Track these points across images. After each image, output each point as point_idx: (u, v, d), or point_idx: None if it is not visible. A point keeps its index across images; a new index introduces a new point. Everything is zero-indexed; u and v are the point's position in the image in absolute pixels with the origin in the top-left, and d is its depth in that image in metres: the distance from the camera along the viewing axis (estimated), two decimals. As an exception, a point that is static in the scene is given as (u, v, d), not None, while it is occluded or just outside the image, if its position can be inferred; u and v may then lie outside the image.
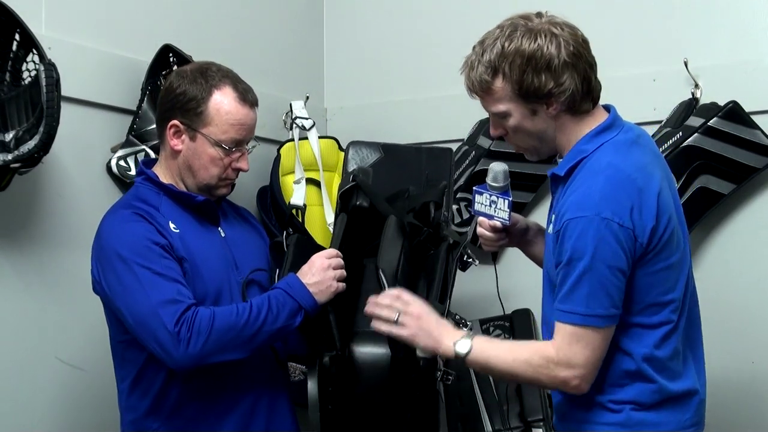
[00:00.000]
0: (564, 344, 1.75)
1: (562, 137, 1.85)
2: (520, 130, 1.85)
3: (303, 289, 1.99)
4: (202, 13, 2.81)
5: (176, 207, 2.07)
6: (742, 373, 2.55)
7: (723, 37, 2.61)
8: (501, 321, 2.79)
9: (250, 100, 2.08)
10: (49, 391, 2.31)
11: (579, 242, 1.72)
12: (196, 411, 2.01)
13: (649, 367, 1.78)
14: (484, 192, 2.02)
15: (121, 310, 1.93)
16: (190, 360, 1.88)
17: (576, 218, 1.73)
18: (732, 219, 2.59)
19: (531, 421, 2.60)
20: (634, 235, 1.72)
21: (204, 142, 2.04)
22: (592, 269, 1.71)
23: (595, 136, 1.83)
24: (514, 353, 1.82)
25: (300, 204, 2.70)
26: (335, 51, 3.32)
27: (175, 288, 1.91)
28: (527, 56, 1.76)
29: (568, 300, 1.74)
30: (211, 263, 2.04)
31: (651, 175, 1.78)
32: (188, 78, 2.06)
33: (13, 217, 2.24)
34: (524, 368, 1.79)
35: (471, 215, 2.79)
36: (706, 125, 2.47)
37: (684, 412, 1.82)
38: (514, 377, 1.91)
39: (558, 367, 1.75)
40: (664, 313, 1.79)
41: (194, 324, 1.88)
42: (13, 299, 2.24)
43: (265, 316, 1.94)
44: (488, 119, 2.83)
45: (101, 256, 1.99)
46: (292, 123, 2.84)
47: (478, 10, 2.94)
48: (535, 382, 1.84)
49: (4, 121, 2.09)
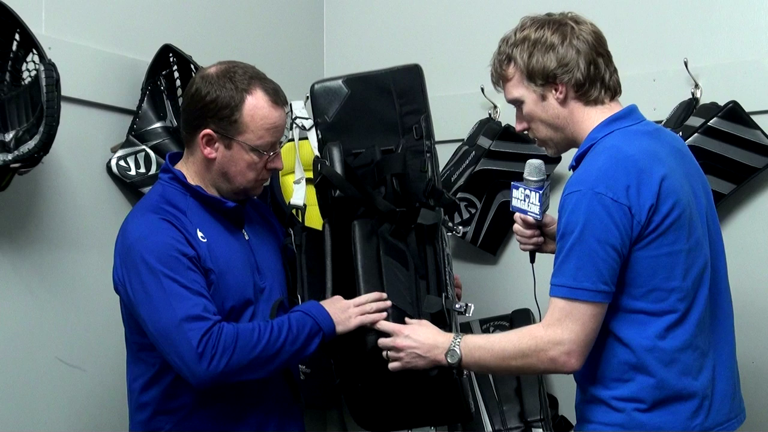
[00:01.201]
0: (553, 320, 1.77)
1: (576, 127, 1.89)
2: (534, 118, 1.91)
3: (324, 313, 2.00)
4: (202, 13, 2.81)
5: (203, 211, 2.02)
6: (742, 373, 2.54)
7: (723, 37, 2.61)
8: (501, 321, 2.80)
9: (281, 101, 2.05)
10: (49, 391, 2.30)
11: (572, 216, 1.76)
12: (210, 413, 2.00)
13: (652, 359, 1.77)
14: (520, 187, 2.04)
15: (144, 319, 1.90)
16: (211, 378, 1.87)
17: (571, 193, 1.77)
18: (732, 219, 2.59)
19: (531, 421, 2.60)
20: (631, 212, 1.73)
21: (240, 149, 2.00)
22: (581, 242, 1.74)
23: (607, 125, 1.86)
24: (503, 344, 1.85)
25: (300, 204, 2.70)
26: (335, 51, 3.32)
27: (202, 303, 1.89)
28: (533, 40, 1.86)
29: (559, 273, 1.77)
30: (236, 270, 2.01)
31: (659, 160, 1.79)
32: (216, 83, 1.99)
33: (13, 217, 2.24)
34: (515, 356, 1.82)
35: (471, 215, 2.80)
36: (706, 125, 2.47)
37: (694, 416, 1.79)
38: (507, 369, 1.93)
39: (547, 345, 1.77)
40: (669, 301, 1.78)
41: (219, 343, 1.86)
42: (13, 299, 2.24)
43: (285, 337, 1.94)
44: (488, 119, 2.87)
45: (127, 261, 1.94)
46: (292, 123, 2.83)
47: (478, 10, 2.94)
48: (529, 368, 1.85)
49: (4, 121, 2.09)
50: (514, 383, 2.69)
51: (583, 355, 1.78)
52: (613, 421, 1.81)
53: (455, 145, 2.88)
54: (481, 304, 2.72)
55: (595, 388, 1.84)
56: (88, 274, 2.40)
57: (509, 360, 1.84)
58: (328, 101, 2.32)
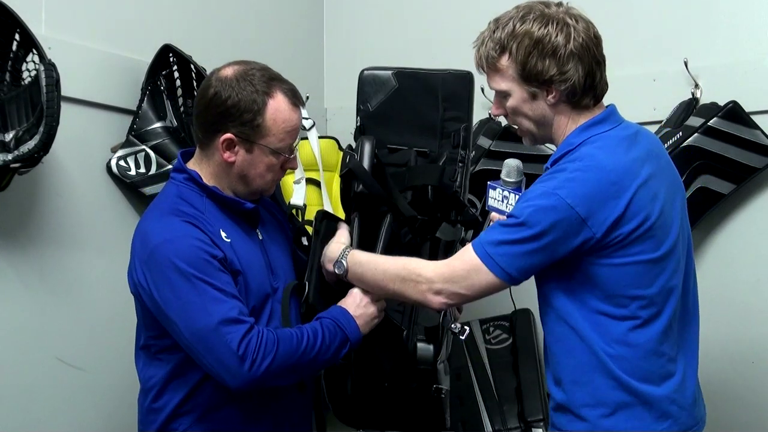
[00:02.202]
0: (447, 260, 1.87)
1: (558, 128, 1.87)
2: (518, 112, 1.88)
3: (352, 322, 2.00)
4: (202, 13, 2.81)
5: (220, 212, 2.00)
6: (742, 373, 2.55)
7: (723, 37, 2.61)
8: (501, 321, 2.80)
9: (300, 101, 2.04)
10: (49, 391, 2.30)
11: (523, 202, 1.79)
12: (223, 418, 1.99)
13: (611, 361, 1.77)
14: (497, 187, 2.04)
15: (177, 322, 1.88)
16: (251, 381, 1.86)
17: (534, 186, 1.80)
18: (732, 219, 2.59)
19: (531, 421, 2.60)
20: (586, 224, 1.73)
21: (261, 153, 1.99)
22: (518, 231, 1.76)
23: (584, 130, 1.84)
24: (386, 265, 1.94)
25: (300, 204, 2.70)
26: (335, 51, 3.32)
27: (237, 306, 1.88)
28: (535, 39, 1.80)
29: (490, 234, 1.81)
30: (256, 272, 2.00)
31: (631, 172, 1.77)
32: (236, 87, 1.96)
33: (13, 217, 2.24)
34: (393, 279, 1.92)
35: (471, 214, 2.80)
36: (706, 125, 2.47)
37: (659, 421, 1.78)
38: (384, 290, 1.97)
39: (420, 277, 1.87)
40: (630, 308, 1.77)
41: (261, 347, 1.85)
42: (13, 299, 2.24)
43: (320, 346, 1.94)
44: (488, 119, 2.87)
45: (151, 264, 1.90)
46: (292, 123, 2.83)
47: (478, 10, 2.94)
48: (401, 296, 1.93)
49: (4, 121, 2.09)
50: (514, 383, 2.69)
51: (450, 300, 1.86)
52: (578, 430, 1.80)
53: (455, 145, 2.88)
54: (481, 304, 2.72)
55: (559, 392, 1.84)
56: (89, 273, 2.40)
57: (387, 278, 1.93)
58: (374, 90, 2.31)
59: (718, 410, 2.38)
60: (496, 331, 2.78)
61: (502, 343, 2.77)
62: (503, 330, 2.78)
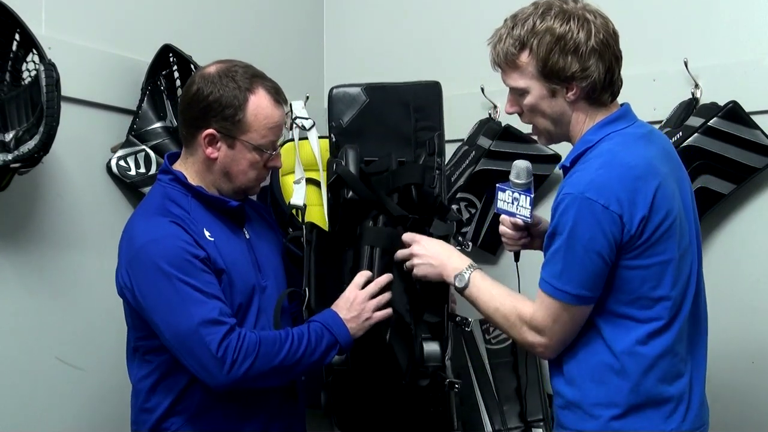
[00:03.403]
0: (541, 310, 1.80)
1: (575, 125, 1.86)
2: (536, 110, 1.86)
3: (341, 325, 2.01)
4: (202, 13, 2.81)
5: (205, 211, 2.02)
6: (742, 373, 2.55)
7: (723, 37, 2.61)
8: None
9: (282, 99, 2.07)
10: (49, 391, 2.31)
11: (562, 218, 1.75)
12: (215, 417, 2.00)
13: (631, 363, 1.77)
14: (507, 189, 2.02)
15: (159, 324, 1.90)
16: (231, 382, 1.87)
17: (565, 195, 1.76)
18: (732, 219, 2.59)
19: (531, 421, 2.60)
20: (621, 221, 1.72)
21: (243, 149, 2.01)
22: (568, 247, 1.74)
23: (602, 128, 1.84)
24: (497, 303, 1.89)
25: (300, 204, 2.70)
26: (335, 51, 3.31)
27: (217, 306, 1.89)
28: (557, 36, 1.78)
29: (546, 269, 1.79)
30: (241, 270, 2.02)
31: (653, 168, 1.77)
32: (218, 83, 1.99)
33: (13, 217, 2.25)
34: (501, 321, 1.88)
35: (471, 215, 2.80)
36: (706, 125, 2.47)
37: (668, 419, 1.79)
38: (491, 319, 1.96)
39: (530, 330, 1.82)
40: (655, 310, 1.77)
41: (241, 348, 1.87)
42: (13, 299, 2.24)
43: (305, 348, 1.95)
44: (488, 119, 2.87)
45: (136, 266, 1.92)
46: (292, 123, 2.83)
47: (478, 10, 2.94)
48: (507, 332, 1.91)
49: (4, 121, 2.09)
50: (515, 383, 2.69)
51: (558, 349, 1.83)
52: (588, 429, 1.80)
53: (455, 145, 2.88)
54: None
55: (571, 390, 1.83)
56: (88, 274, 2.40)
57: (496, 316, 1.90)
58: (345, 106, 2.34)
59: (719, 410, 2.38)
60: (496, 331, 2.78)
61: (502, 342, 2.77)
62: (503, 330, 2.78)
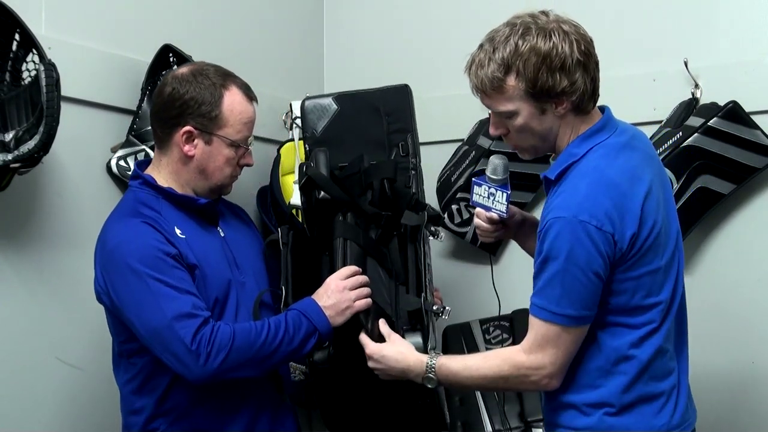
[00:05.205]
0: (535, 345, 1.78)
1: (562, 137, 1.86)
2: (526, 130, 1.84)
3: (320, 312, 2.02)
4: (202, 13, 2.81)
5: (177, 211, 2.07)
6: (742, 373, 2.55)
7: (723, 37, 2.61)
8: (501, 321, 2.79)
9: (253, 96, 2.14)
10: (49, 391, 2.30)
11: (555, 242, 1.74)
12: (203, 414, 2.02)
13: (626, 366, 1.78)
14: (483, 184, 2.05)
15: (134, 322, 1.93)
16: (208, 375, 1.89)
17: (555, 218, 1.74)
18: (732, 219, 2.59)
19: (531, 421, 2.59)
20: (614, 239, 1.73)
21: (220, 144, 2.07)
22: (566, 271, 1.73)
23: (585, 140, 1.83)
24: (481, 372, 1.85)
25: (300, 204, 2.70)
26: (335, 51, 3.32)
27: (190, 301, 1.91)
28: (543, 55, 1.76)
29: (542, 295, 1.77)
30: (215, 265, 2.05)
31: (638, 179, 1.78)
32: (192, 82, 2.06)
33: (13, 217, 2.24)
34: (496, 380, 1.85)
35: (471, 215, 2.80)
36: (706, 125, 2.47)
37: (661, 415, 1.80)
38: (486, 389, 1.94)
39: (529, 370, 1.79)
40: (648, 315, 1.79)
41: (215, 340, 1.88)
42: (13, 299, 2.24)
43: (282, 337, 1.96)
44: (488, 119, 2.86)
45: (109, 267, 1.97)
46: (292, 123, 2.83)
47: (477, 10, 2.94)
48: (509, 389, 1.89)
49: (4, 121, 2.09)
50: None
51: (563, 374, 1.81)
52: (582, 425, 1.81)
53: (455, 145, 2.88)
54: (481, 304, 2.73)
55: (564, 394, 1.84)
56: (88, 274, 2.38)
57: (489, 383, 1.88)
58: (317, 116, 2.41)
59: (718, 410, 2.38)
60: (496, 331, 2.78)
61: (502, 343, 2.76)
62: (503, 330, 2.78)
